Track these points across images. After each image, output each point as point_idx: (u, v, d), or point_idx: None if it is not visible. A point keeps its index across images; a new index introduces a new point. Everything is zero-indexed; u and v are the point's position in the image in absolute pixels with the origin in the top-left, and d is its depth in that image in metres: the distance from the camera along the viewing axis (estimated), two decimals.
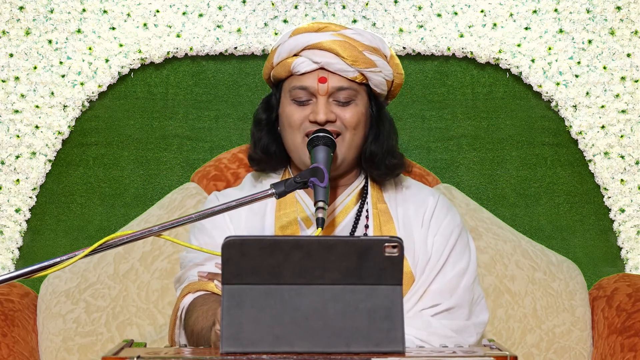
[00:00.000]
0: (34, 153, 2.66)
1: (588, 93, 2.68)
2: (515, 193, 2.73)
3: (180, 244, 1.76)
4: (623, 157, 2.68)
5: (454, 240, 1.98)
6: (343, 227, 1.97)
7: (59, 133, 2.67)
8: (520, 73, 2.69)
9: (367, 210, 1.99)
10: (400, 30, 2.67)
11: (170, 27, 2.67)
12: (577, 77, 2.68)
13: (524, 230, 2.66)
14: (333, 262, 1.33)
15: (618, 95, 2.68)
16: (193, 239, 1.99)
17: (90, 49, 2.66)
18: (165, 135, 2.72)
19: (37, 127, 2.66)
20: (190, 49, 2.67)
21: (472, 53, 2.68)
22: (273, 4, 2.67)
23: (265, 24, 2.67)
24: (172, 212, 2.44)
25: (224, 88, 2.72)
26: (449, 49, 2.68)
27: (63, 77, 2.66)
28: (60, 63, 2.66)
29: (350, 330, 1.32)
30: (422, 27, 2.68)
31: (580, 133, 2.69)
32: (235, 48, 2.68)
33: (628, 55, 2.68)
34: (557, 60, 2.68)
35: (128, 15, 2.67)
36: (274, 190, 1.74)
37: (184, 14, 2.67)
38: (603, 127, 2.68)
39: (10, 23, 2.67)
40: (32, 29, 2.66)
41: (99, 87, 2.67)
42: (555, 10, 2.68)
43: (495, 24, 2.68)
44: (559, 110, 2.70)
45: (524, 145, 2.73)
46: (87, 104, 2.68)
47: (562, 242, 2.71)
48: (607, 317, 2.38)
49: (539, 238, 2.67)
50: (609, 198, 2.69)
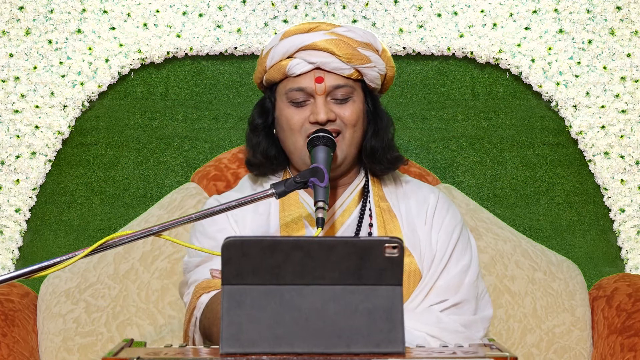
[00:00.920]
0: (34, 153, 2.66)
1: (588, 93, 2.68)
2: (515, 193, 2.73)
3: (180, 244, 1.75)
4: (623, 157, 2.68)
5: (457, 237, 1.98)
6: (347, 227, 1.96)
7: (59, 133, 2.67)
8: (520, 73, 2.69)
9: (370, 209, 1.99)
10: (400, 30, 2.67)
11: (170, 27, 2.67)
12: (577, 77, 2.68)
13: (524, 230, 2.66)
14: (333, 262, 1.33)
15: (618, 95, 2.68)
16: (195, 243, 1.98)
17: (90, 49, 2.66)
18: (165, 135, 2.72)
19: (37, 127, 2.66)
20: (190, 49, 2.67)
21: (472, 53, 2.68)
22: (273, 4, 2.67)
23: (265, 24, 2.67)
24: (172, 212, 2.44)
25: (224, 88, 2.72)
26: (449, 49, 2.68)
27: (63, 77, 2.66)
28: (60, 63, 2.66)
29: (351, 331, 1.32)
30: (422, 27, 2.68)
31: (580, 133, 2.69)
32: (235, 48, 2.68)
33: (628, 55, 2.68)
34: (557, 60, 2.68)
35: (128, 15, 2.67)
36: (274, 190, 1.74)
37: (184, 14, 2.67)
38: (603, 127, 2.68)
39: (10, 23, 2.67)
40: (32, 29, 2.66)
41: (99, 87, 2.67)
42: (555, 10, 2.68)
43: (495, 24, 2.68)
44: (559, 110, 2.70)
45: (524, 145, 2.73)
46: (87, 104, 2.69)
47: (562, 242, 2.71)
48: (607, 317, 2.38)
49: (539, 238, 2.67)
50: (609, 198, 2.69)
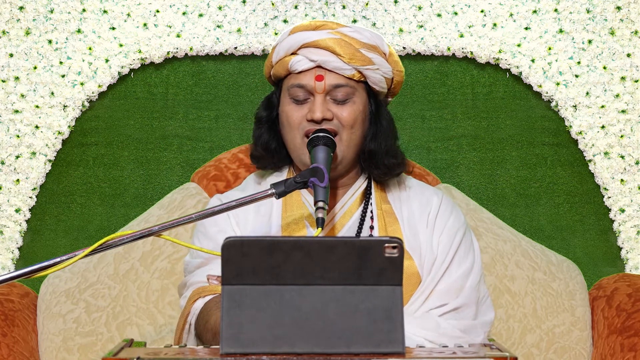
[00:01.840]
0: (34, 153, 2.66)
1: (588, 93, 2.68)
2: (515, 193, 2.73)
3: (180, 244, 1.75)
4: (623, 157, 2.68)
5: (459, 240, 1.97)
6: (347, 228, 1.96)
7: (59, 133, 2.67)
8: (520, 73, 2.69)
9: (371, 212, 1.99)
10: (400, 30, 2.67)
11: (170, 27, 2.67)
12: (577, 77, 2.68)
13: (524, 230, 2.66)
14: (333, 262, 1.33)
15: (618, 95, 2.68)
16: (197, 243, 1.98)
17: (90, 49, 2.66)
18: (165, 135, 2.72)
19: (37, 127, 2.66)
20: (190, 49, 2.67)
21: (472, 53, 2.68)
22: (273, 4, 2.67)
23: (265, 24, 2.67)
24: (172, 212, 2.44)
25: (224, 88, 2.72)
26: (449, 49, 2.68)
27: (63, 77, 2.66)
28: (60, 63, 2.66)
29: (351, 331, 1.32)
30: (422, 27, 2.68)
31: (580, 133, 2.69)
32: (235, 48, 2.68)
33: (628, 55, 2.68)
34: (557, 60, 2.68)
35: (128, 15, 2.67)
36: (274, 190, 1.74)
37: (184, 14, 2.67)
38: (603, 127, 2.68)
39: (10, 23, 2.67)
40: (32, 29, 2.66)
41: (99, 87, 2.67)
42: (555, 10, 2.68)
43: (495, 24, 2.68)
44: (559, 110, 2.70)
45: (524, 145, 2.73)
46: (87, 104, 2.69)
47: (562, 242, 2.71)
48: (607, 317, 2.38)
49: (539, 238, 2.67)
50: (609, 198, 2.69)
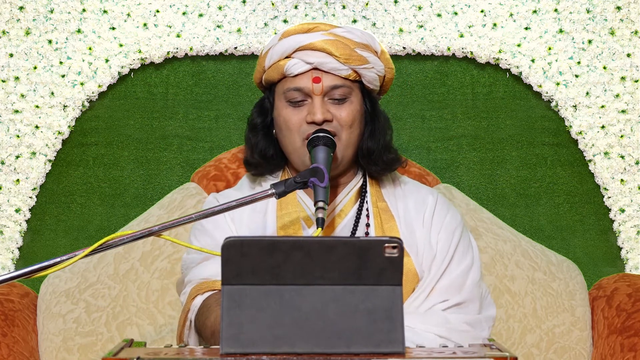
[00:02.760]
0: (34, 153, 2.66)
1: (588, 93, 2.68)
2: (515, 193, 2.73)
3: (180, 244, 1.75)
4: (623, 157, 2.68)
5: (458, 238, 1.98)
6: (343, 226, 1.96)
7: (59, 133, 2.67)
8: (520, 73, 2.69)
9: (367, 209, 1.99)
10: (400, 30, 2.67)
11: (170, 27, 2.67)
12: (577, 77, 2.68)
13: (524, 230, 2.66)
14: (333, 262, 1.33)
15: (618, 95, 2.68)
16: (194, 241, 1.98)
17: (90, 49, 2.67)
18: (165, 135, 2.72)
19: (37, 127, 2.66)
20: (190, 49, 2.67)
21: (472, 53, 2.68)
22: (273, 4, 2.67)
23: (265, 24, 2.67)
24: (172, 212, 2.44)
25: (224, 88, 2.73)
26: (449, 49, 2.68)
27: (63, 77, 2.66)
28: (60, 63, 2.66)
29: (351, 331, 1.32)
30: (422, 27, 2.68)
31: (580, 133, 2.69)
32: (235, 48, 2.68)
33: (628, 55, 2.68)
34: (557, 60, 2.68)
35: (128, 15, 2.67)
36: (274, 191, 1.74)
37: (184, 14, 2.67)
38: (603, 127, 2.68)
39: (10, 23, 2.67)
40: (32, 29, 2.66)
41: (99, 87, 2.67)
42: (555, 10, 2.68)
43: (495, 24, 2.68)
44: (559, 110, 2.70)
45: (524, 145, 2.73)
46: (87, 104, 2.69)
47: (562, 242, 2.71)
48: (607, 317, 2.38)
49: (539, 238, 2.67)
50: (609, 198, 2.69)
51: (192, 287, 1.90)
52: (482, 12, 2.68)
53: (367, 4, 2.67)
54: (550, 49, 2.68)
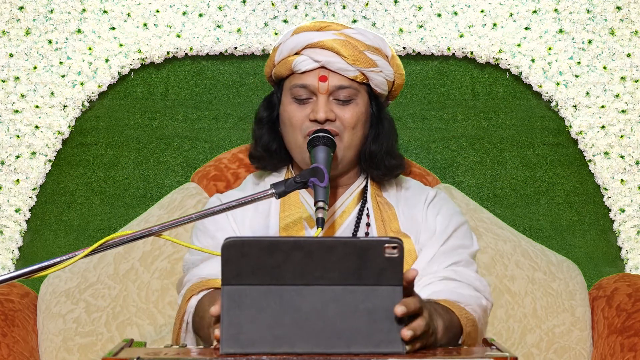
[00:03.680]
0: (34, 153, 2.66)
1: (588, 93, 2.68)
2: (515, 193, 2.73)
3: (180, 244, 1.75)
4: (623, 157, 2.68)
5: (457, 222, 1.98)
6: (345, 227, 1.97)
7: (59, 133, 2.67)
8: (520, 73, 2.69)
9: (367, 209, 2.00)
10: (400, 30, 2.67)
11: (170, 27, 2.67)
12: (577, 77, 2.68)
13: (524, 230, 2.66)
14: (333, 262, 1.33)
15: (618, 95, 2.68)
16: (195, 241, 1.99)
17: (90, 49, 2.67)
18: (165, 135, 2.72)
19: (37, 127, 2.66)
20: (190, 49, 2.67)
21: (472, 53, 2.68)
22: (273, 4, 2.67)
23: (265, 24, 2.67)
24: (172, 212, 2.44)
25: (224, 88, 2.73)
26: (449, 49, 2.68)
27: (63, 77, 2.66)
28: (60, 63, 2.66)
29: (351, 331, 1.33)
30: (422, 27, 2.68)
31: (580, 133, 2.69)
32: (235, 48, 2.68)
33: (628, 55, 2.68)
34: (557, 60, 2.68)
35: (128, 15, 2.67)
36: (274, 190, 1.74)
37: (184, 14, 2.67)
38: (603, 127, 2.68)
39: (10, 23, 2.67)
40: (32, 29, 2.66)
41: (99, 87, 2.67)
42: (555, 10, 2.68)
43: (495, 24, 2.68)
44: (559, 110, 2.70)
45: (524, 145, 2.73)
46: (87, 104, 2.69)
47: (562, 242, 2.71)
48: (607, 317, 2.38)
49: (539, 238, 2.67)
50: (609, 198, 2.69)
51: (188, 287, 1.90)
52: (482, 12, 2.68)
53: (367, 4, 2.67)
54: (550, 49, 2.68)
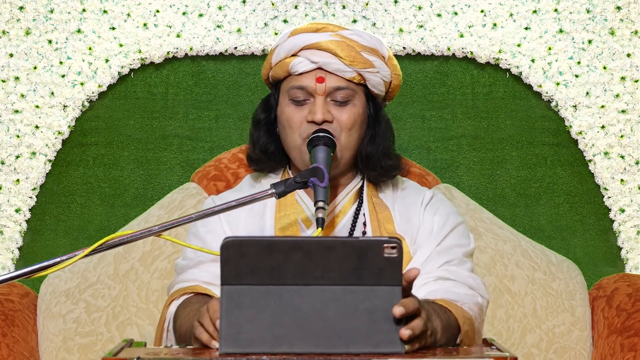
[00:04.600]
0: (34, 153, 2.66)
1: (588, 93, 2.68)
2: (515, 193, 2.73)
3: (180, 244, 1.76)
4: (623, 157, 2.68)
5: (454, 223, 1.98)
6: (342, 227, 1.97)
7: (59, 133, 2.67)
8: (520, 73, 2.69)
9: (363, 209, 2.00)
10: (400, 30, 2.67)
11: (170, 27, 2.67)
12: (577, 77, 2.68)
13: (524, 230, 2.66)
14: (332, 262, 1.33)
15: (618, 95, 2.68)
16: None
17: (90, 49, 2.66)
18: (165, 135, 2.72)
19: (37, 127, 2.66)
20: (190, 49, 2.67)
21: (472, 53, 2.68)
22: (273, 4, 2.67)
23: (265, 24, 2.67)
24: (172, 212, 2.44)
25: (224, 88, 2.73)
26: (449, 49, 2.68)
27: (63, 77, 2.66)
28: (60, 63, 2.66)
29: (350, 331, 1.33)
30: (422, 27, 2.68)
31: (580, 133, 2.69)
32: (235, 48, 2.68)
33: (628, 55, 2.68)
34: (557, 60, 2.68)
35: (128, 15, 2.67)
36: (274, 190, 1.75)
37: (184, 14, 2.67)
38: (603, 127, 2.68)
39: (10, 23, 2.67)
40: (32, 29, 2.66)
41: (99, 87, 2.67)
42: (555, 10, 2.68)
43: (495, 24, 2.68)
44: (559, 110, 2.70)
45: (524, 145, 2.73)
46: (87, 104, 2.69)
47: (562, 242, 2.70)
48: (607, 317, 2.38)
49: (539, 238, 2.67)
50: (609, 198, 2.69)
51: (170, 293, 1.91)
52: (482, 12, 2.68)
53: (367, 4, 2.67)
54: (550, 49, 2.68)
